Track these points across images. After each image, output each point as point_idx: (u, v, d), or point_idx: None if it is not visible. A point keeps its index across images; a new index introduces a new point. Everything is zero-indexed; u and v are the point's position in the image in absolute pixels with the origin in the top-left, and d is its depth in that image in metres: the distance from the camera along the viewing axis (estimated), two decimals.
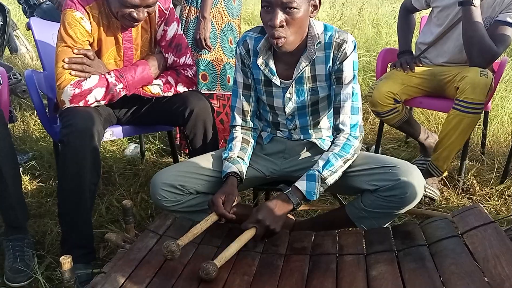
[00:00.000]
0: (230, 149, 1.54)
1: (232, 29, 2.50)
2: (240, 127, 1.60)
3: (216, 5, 2.37)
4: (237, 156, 1.51)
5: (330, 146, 1.44)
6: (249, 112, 1.60)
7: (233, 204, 1.37)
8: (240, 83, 1.58)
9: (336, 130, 1.46)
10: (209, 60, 2.43)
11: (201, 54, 2.40)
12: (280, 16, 1.31)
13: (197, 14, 2.35)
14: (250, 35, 1.53)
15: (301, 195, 1.35)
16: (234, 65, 2.53)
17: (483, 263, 1.02)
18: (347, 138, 1.42)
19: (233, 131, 1.60)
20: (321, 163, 1.38)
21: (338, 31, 1.43)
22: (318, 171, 1.37)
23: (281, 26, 1.32)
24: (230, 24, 2.47)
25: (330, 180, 1.38)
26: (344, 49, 1.41)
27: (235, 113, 1.60)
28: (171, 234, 1.32)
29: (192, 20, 2.39)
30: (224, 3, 2.40)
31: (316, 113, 1.55)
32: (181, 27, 2.40)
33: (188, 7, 2.40)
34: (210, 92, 2.47)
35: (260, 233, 1.27)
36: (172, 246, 1.13)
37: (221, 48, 2.46)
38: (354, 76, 1.44)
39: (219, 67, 2.47)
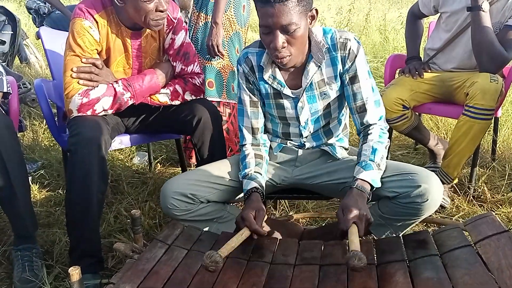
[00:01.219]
0: (246, 166, 1.52)
1: (239, 38, 2.49)
2: (251, 144, 1.58)
3: (226, 12, 2.37)
4: (254, 172, 1.50)
5: (367, 138, 1.43)
6: (259, 129, 1.59)
7: (265, 219, 1.36)
8: (246, 102, 1.56)
9: (365, 125, 1.47)
10: (216, 67, 2.43)
11: (208, 60, 2.39)
12: (281, 38, 1.31)
13: (206, 20, 2.36)
14: (251, 51, 1.51)
15: (368, 185, 1.33)
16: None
17: (498, 273, 0.99)
18: (380, 129, 1.45)
19: (244, 149, 1.58)
20: (368, 152, 1.38)
21: (337, 32, 1.43)
22: (371, 159, 1.36)
23: (284, 47, 1.32)
24: (238, 33, 2.47)
25: (382, 166, 1.38)
26: (350, 48, 1.41)
27: (245, 132, 1.58)
28: (179, 244, 1.31)
29: (200, 26, 2.39)
30: (234, 11, 2.40)
31: (328, 115, 1.54)
32: (189, 33, 2.40)
33: (197, 13, 2.39)
34: (216, 100, 2.46)
35: (362, 227, 1.23)
36: (216, 256, 1.09)
37: (228, 56, 2.45)
38: (368, 71, 1.46)
39: (226, 75, 2.47)
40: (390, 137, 2.41)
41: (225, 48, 2.42)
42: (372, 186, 1.33)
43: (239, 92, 1.58)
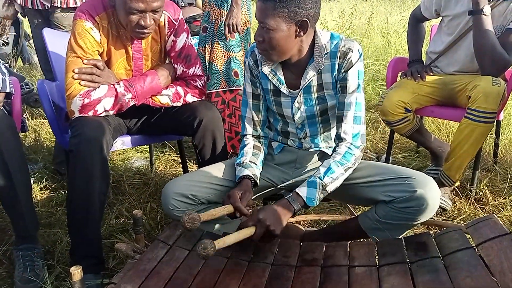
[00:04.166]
0: (242, 155, 1.55)
1: (251, 31, 2.59)
2: (251, 135, 1.61)
3: (242, 9, 2.46)
4: (249, 161, 1.52)
5: (332, 154, 1.44)
6: (259, 121, 1.61)
7: (250, 201, 1.38)
8: (249, 93, 1.59)
9: (338, 138, 1.46)
10: (239, 59, 2.53)
11: (232, 52, 2.49)
12: (259, 32, 1.37)
13: None
14: None
15: (302, 201, 1.35)
16: None
17: (500, 276, 0.99)
18: (348, 147, 1.42)
19: (244, 140, 1.61)
20: (322, 170, 1.38)
21: (344, 40, 1.43)
22: (319, 178, 1.37)
23: (259, 41, 1.38)
24: (249, 28, 2.58)
25: (331, 187, 1.38)
26: (349, 58, 1.41)
27: (246, 123, 1.61)
28: (181, 245, 1.31)
29: (223, 22, 2.47)
30: (247, 8, 2.51)
31: (327, 122, 1.55)
32: (211, 30, 2.48)
33: (218, 10, 2.48)
34: (240, 88, 2.54)
35: (259, 233, 1.25)
36: (194, 215, 1.16)
37: (244, 49, 2.56)
38: (359, 85, 1.44)
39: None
40: (391, 140, 2.42)
41: (242, 42, 2.54)
42: (305, 203, 1.34)
43: (244, 84, 1.61)
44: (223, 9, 2.46)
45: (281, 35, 1.35)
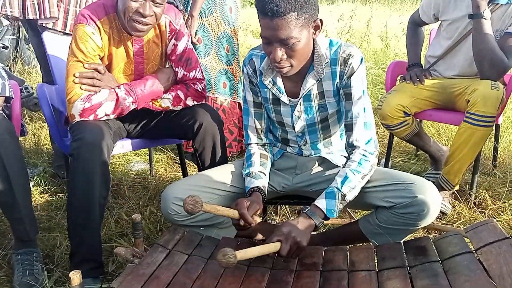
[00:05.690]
0: (250, 165, 1.52)
1: (228, 37, 2.67)
2: (256, 144, 1.60)
3: (212, 13, 2.57)
4: (259, 171, 1.50)
5: (346, 162, 1.41)
6: (262, 129, 1.60)
7: (257, 213, 1.36)
8: (250, 102, 1.58)
9: (351, 146, 1.44)
10: (204, 64, 2.59)
11: (201, 58, 2.57)
12: (280, 51, 1.30)
13: (202, 22, 2.56)
14: (256, 54, 1.52)
15: (321, 213, 1.31)
16: (232, 72, 2.73)
17: (499, 280, 0.99)
18: (363, 155, 1.40)
19: (249, 148, 1.59)
20: (339, 180, 1.36)
21: (343, 46, 1.41)
22: (337, 188, 1.34)
23: (282, 59, 1.32)
24: (226, 32, 2.65)
25: (350, 197, 1.35)
26: (350, 64, 1.38)
27: (249, 132, 1.59)
28: (180, 249, 1.31)
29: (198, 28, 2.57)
30: (220, 12, 2.59)
31: (327, 129, 1.54)
32: None
33: (187, 16, 2.55)
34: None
35: (285, 248, 1.20)
36: (197, 198, 1.22)
37: (216, 54, 2.63)
38: (364, 91, 1.43)
39: (214, 72, 2.64)
40: (391, 144, 2.42)
41: (213, 46, 2.62)
42: (326, 216, 1.31)
43: (244, 92, 1.59)
44: (187, 13, 2.55)
45: (304, 42, 1.31)
